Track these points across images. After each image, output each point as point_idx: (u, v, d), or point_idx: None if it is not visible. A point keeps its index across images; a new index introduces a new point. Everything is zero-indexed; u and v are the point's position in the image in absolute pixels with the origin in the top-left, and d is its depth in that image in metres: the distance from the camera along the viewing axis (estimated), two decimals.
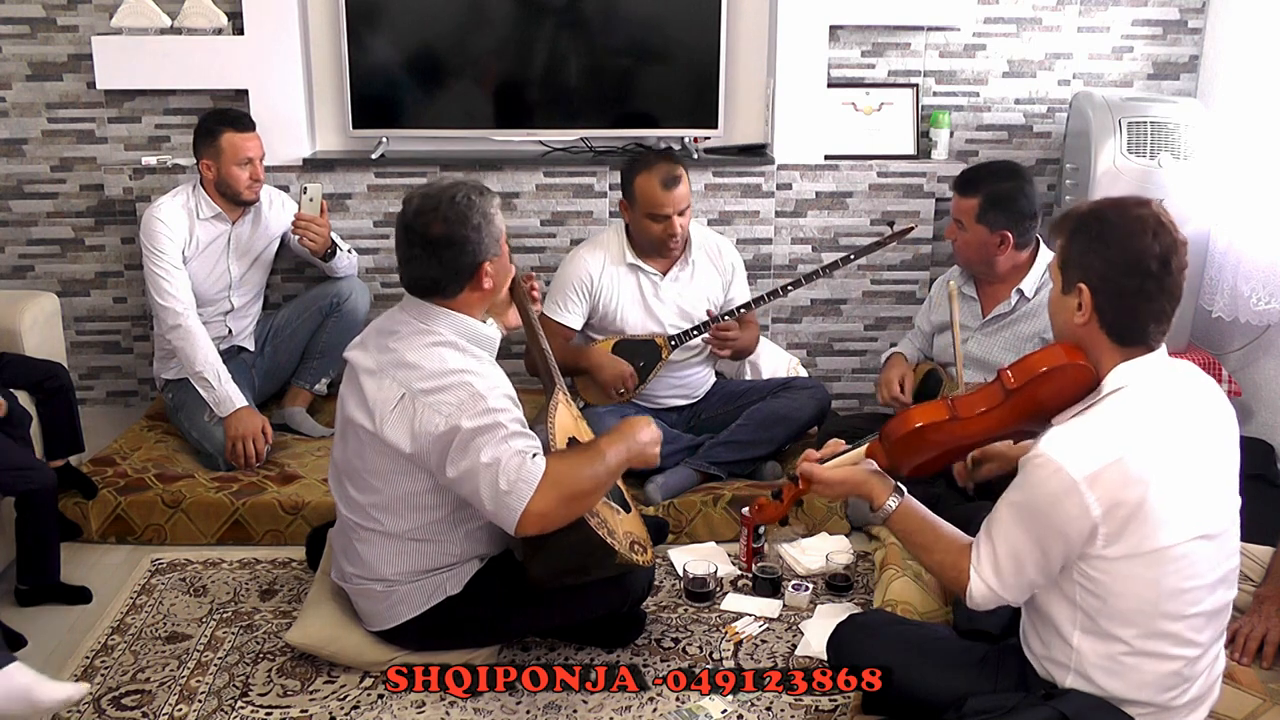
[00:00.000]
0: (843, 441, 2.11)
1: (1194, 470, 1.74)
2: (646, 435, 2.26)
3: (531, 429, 2.23)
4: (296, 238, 3.33)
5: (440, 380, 2.12)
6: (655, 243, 3.10)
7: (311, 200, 3.28)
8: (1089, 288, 1.75)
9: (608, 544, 2.16)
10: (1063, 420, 1.80)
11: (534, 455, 2.09)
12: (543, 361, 2.55)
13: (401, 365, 2.16)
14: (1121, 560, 1.71)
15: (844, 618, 2.23)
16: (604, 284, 3.16)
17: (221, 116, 3.25)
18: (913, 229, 3.29)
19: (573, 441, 2.36)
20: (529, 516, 2.05)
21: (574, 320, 3.17)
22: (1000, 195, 2.76)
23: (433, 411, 2.10)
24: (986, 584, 1.81)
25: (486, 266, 2.21)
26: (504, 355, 3.79)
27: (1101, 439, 1.70)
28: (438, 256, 2.17)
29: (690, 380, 3.28)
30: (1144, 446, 1.70)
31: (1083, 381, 1.78)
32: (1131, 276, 1.72)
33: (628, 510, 2.43)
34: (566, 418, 2.42)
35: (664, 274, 3.19)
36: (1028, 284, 2.85)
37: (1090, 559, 1.73)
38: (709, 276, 3.25)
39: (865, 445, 2.03)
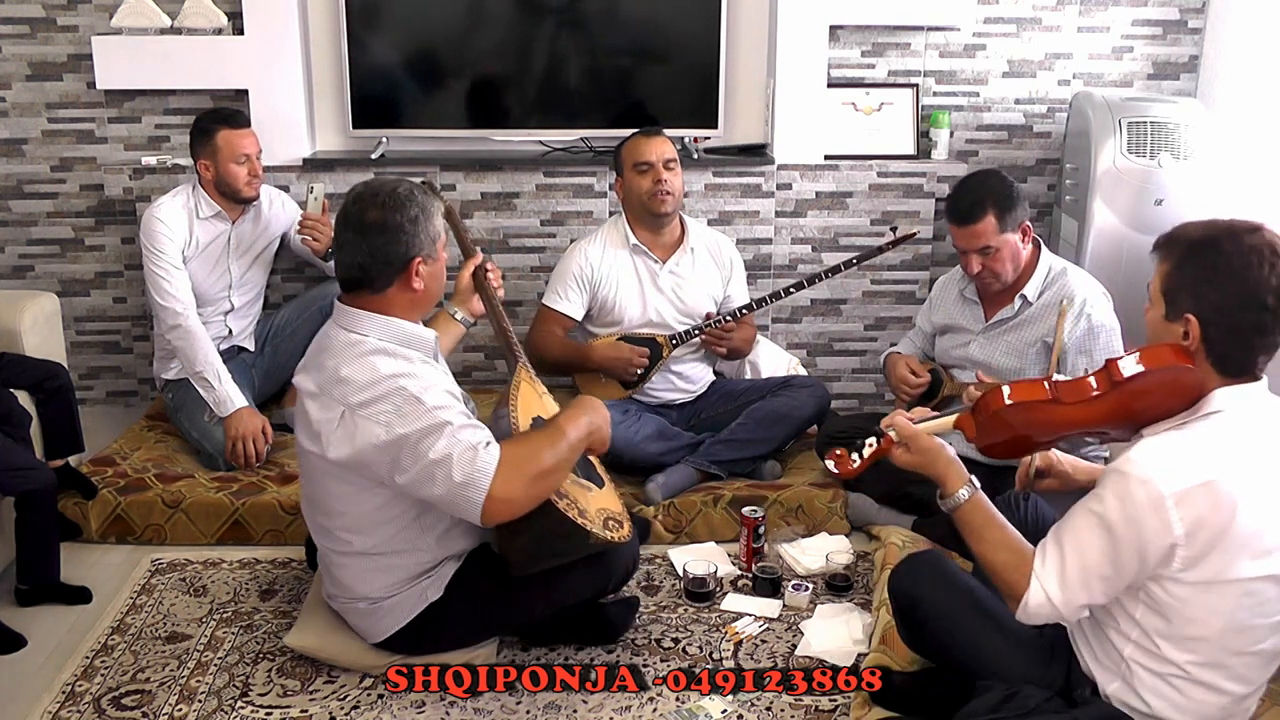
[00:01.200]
0: (929, 409, 2.09)
1: None
2: (603, 413, 2.27)
3: (496, 411, 2.20)
4: (301, 238, 3.33)
5: (373, 391, 2.07)
6: (646, 200, 3.11)
7: (317, 200, 3.29)
8: (1199, 319, 1.69)
9: (579, 524, 2.15)
10: (1155, 432, 1.74)
11: (486, 444, 2.06)
12: (504, 341, 2.55)
13: (337, 381, 2.10)
14: (1198, 586, 1.67)
15: (911, 554, 2.15)
16: (604, 272, 3.17)
17: (215, 115, 3.25)
18: (915, 234, 3.29)
19: (538, 420, 2.34)
20: (493, 504, 2.03)
21: (574, 310, 3.18)
22: (1003, 198, 2.75)
23: (371, 423, 2.06)
24: (1046, 593, 1.73)
25: (418, 264, 2.15)
26: (502, 355, 3.83)
27: (1195, 458, 1.65)
28: (368, 242, 2.11)
29: (688, 375, 3.28)
30: (1237, 473, 1.65)
31: (1188, 390, 1.72)
32: (1247, 311, 1.66)
33: (601, 485, 2.41)
34: (530, 395, 2.40)
35: (664, 262, 3.19)
36: (1030, 289, 2.82)
37: (1163, 580, 1.69)
38: (708, 271, 3.26)
39: (956, 415, 1.99)
